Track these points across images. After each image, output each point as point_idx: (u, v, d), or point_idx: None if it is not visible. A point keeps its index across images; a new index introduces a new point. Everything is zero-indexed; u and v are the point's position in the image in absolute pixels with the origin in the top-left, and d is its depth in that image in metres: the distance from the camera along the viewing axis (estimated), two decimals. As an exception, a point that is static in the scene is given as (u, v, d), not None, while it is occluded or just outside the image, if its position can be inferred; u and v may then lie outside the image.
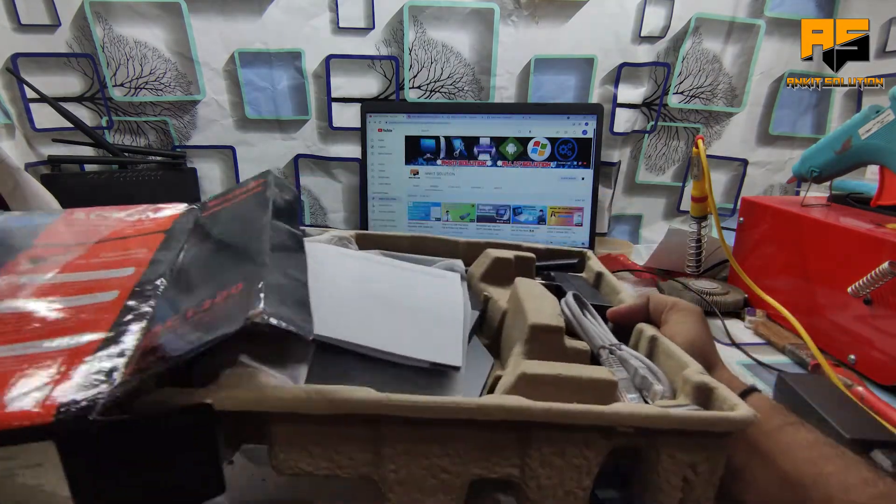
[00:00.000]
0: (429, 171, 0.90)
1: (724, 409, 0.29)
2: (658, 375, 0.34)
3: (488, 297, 0.47)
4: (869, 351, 0.54)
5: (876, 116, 0.60)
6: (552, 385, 0.30)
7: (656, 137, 0.99)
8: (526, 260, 0.51)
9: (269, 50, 0.91)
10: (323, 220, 1.01)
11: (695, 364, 0.33)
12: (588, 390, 0.30)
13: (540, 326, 0.35)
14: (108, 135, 0.93)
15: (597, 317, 0.42)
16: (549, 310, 0.37)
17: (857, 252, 0.55)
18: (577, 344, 0.37)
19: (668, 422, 0.27)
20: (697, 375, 0.31)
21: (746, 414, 0.27)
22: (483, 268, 0.50)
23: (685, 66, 0.93)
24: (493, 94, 0.94)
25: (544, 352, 0.35)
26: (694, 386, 0.31)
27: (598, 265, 0.55)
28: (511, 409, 0.27)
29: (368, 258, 0.49)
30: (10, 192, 0.77)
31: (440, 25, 0.91)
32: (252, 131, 0.96)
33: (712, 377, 0.34)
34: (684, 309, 0.40)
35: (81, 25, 0.86)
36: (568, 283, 0.50)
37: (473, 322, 0.42)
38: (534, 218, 0.89)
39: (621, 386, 0.33)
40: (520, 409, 0.27)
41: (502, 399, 0.28)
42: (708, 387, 0.30)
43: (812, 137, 0.97)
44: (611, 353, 0.37)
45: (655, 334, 0.38)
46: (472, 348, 0.40)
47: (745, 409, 0.27)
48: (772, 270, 0.69)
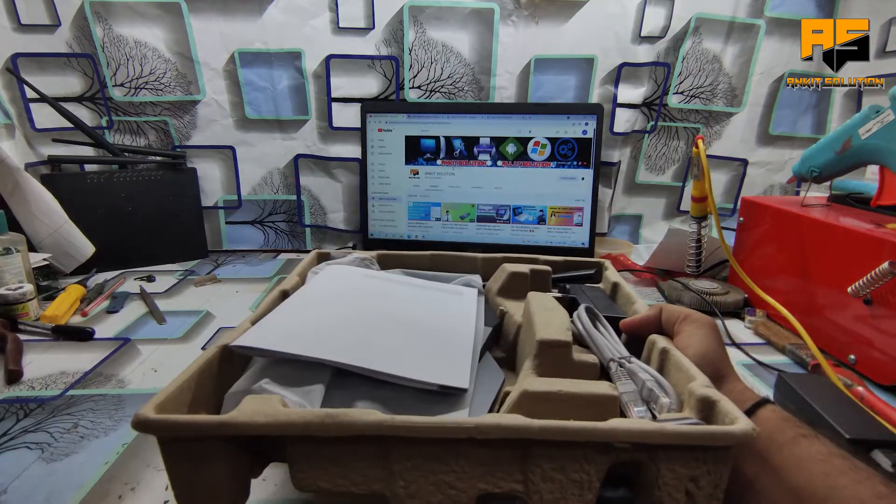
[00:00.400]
0: (429, 171, 0.90)
1: (725, 422, 0.29)
2: (665, 388, 0.34)
3: (504, 311, 0.48)
4: (869, 351, 0.54)
5: (876, 116, 0.60)
6: (554, 401, 0.31)
7: (656, 137, 0.99)
8: (542, 273, 0.53)
9: (269, 50, 0.91)
10: (323, 220, 1.01)
11: (701, 377, 0.33)
12: (589, 405, 0.31)
13: (548, 342, 0.36)
14: (108, 135, 0.93)
15: (609, 329, 0.43)
16: (558, 324, 0.37)
17: (857, 252, 0.55)
18: (585, 357, 0.37)
19: (664, 437, 0.28)
20: (702, 388, 0.32)
21: (745, 428, 0.27)
22: (500, 282, 0.52)
23: (685, 66, 0.93)
24: (493, 94, 0.94)
25: (553, 366, 0.36)
26: (698, 399, 0.31)
27: (615, 276, 0.55)
28: (509, 427, 0.28)
29: (389, 278, 0.52)
30: (10, 192, 0.77)
31: (440, 25, 0.91)
32: (252, 131, 0.96)
33: (725, 388, 0.35)
34: (697, 320, 0.39)
35: (81, 25, 0.86)
36: (582, 296, 0.50)
37: (486, 338, 0.43)
38: (534, 218, 0.89)
39: (629, 398, 0.34)
40: (517, 427, 0.28)
41: (500, 418, 0.29)
42: (711, 400, 0.31)
43: (812, 137, 0.97)
44: (620, 365, 0.37)
45: (667, 346, 0.38)
46: (484, 364, 0.41)
47: (744, 424, 0.28)
48: (772, 270, 0.69)
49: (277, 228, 1.02)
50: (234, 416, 0.28)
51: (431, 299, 0.48)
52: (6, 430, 0.45)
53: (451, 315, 0.45)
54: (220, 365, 0.36)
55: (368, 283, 0.50)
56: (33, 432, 0.45)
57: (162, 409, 0.29)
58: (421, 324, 0.42)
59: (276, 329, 0.38)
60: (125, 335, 0.64)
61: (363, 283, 0.49)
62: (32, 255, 0.76)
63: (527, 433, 0.28)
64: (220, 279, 0.85)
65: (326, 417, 0.28)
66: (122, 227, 0.88)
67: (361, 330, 0.39)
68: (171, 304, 0.74)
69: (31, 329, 0.64)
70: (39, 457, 0.42)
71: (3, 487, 0.38)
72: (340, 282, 0.49)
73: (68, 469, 0.40)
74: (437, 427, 0.28)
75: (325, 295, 0.45)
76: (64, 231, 0.80)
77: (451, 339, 0.40)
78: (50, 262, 0.80)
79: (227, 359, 0.36)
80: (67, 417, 0.47)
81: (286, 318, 0.40)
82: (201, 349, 0.61)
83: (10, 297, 0.65)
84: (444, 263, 0.58)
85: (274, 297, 0.45)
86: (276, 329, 0.38)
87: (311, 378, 0.34)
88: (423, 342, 0.39)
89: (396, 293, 0.48)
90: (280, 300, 0.44)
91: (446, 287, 0.52)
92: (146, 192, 0.89)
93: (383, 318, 0.42)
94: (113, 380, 0.54)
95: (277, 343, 0.35)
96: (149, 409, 0.28)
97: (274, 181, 0.99)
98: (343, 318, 0.41)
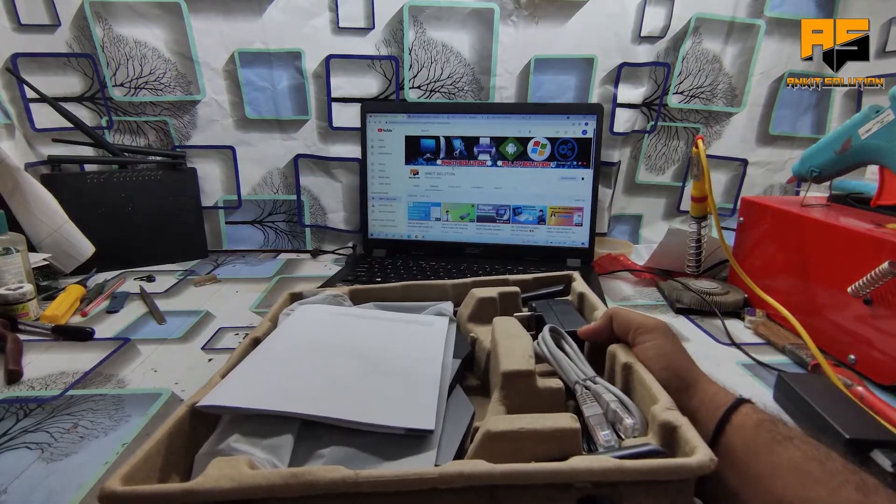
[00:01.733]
0: (429, 171, 0.90)
1: (685, 450, 0.30)
2: (630, 409, 0.35)
3: (475, 337, 0.48)
4: (869, 351, 0.54)
5: (876, 116, 0.60)
6: (517, 440, 0.32)
7: (656, 137, 0.99)
8: (510, 295, 0.53)
9: (269, 50, 0.91)
10: (323, 220, 1.01)
11: (664, 397, 0.34)
12: (552, 440, 0.32)
13: (511, 373, 0.36)
14: (108, 135, 0.93)
15: (574, 346, 0.43)
16: (521, 353, 0.38)
17: (857, 252, 0.55)
18: (550, 383, 0.38)
19: (622, 475, 0.28)
20: (663, 413, 0.32)
21: (702, 460, 0.28)
22: (469, 309, 0.52)
23: (685, 66, 0.93)
24: (493, 94, 0.94)
25: (518, 396, 0.36)
26: (660, 424, 0.32)
27: (581, 286, 0.55)
28: (471, 475, 0.28)
29: (360, 314, 0.52)
30: (10, 192, 0.77)
31: (440, 25, 0.91)
32: (252, 131, 0.96)
33: (697, 395, 0.35)
34: (652, 329, 0.39)
35: (81, 25, 0.86)
36: (549, 311, 0.50)
37: (455, 371, 0.44)
38: (534, 218, 0.89)
39: (595, 422, 0.35)
40: (479, 474, 0.28)
41: (463, 465, 0.29)
42: (672, 426, 0.31)
43: (812, 137, 0.97)
44: (585, 387, 0.38)
45: (629, 361, 0.39)
46: (454, 398, 0.41)
47: (701, 455, 0.28)
48: (772, 270, 0.69)
49: (277, 228, 1.02)
50: (199, 482, 0.29)
51: (400, 335, 0.48)
52: (6, 430, 0.45)
53: (419, 350, 0.45)
54: (190, 424, 0.35)
55: (338, 323, 0.50)
56: (33, 432, 0.45)
57: (129, 480, 0.29)
58: (388, 364, 0.43)
59: (241, 384, 0.38)
60: (125, 335, 0.64)
61: (333, 323, 0.50)
62: (32, 255, 0.76)
63: (489, 479, 0.28)
64: (220, 279, 0.85)
65: (291, 478, 0.28)
66: (122, 227, 0.88)
67: (327, 377, 0.40)
68: (171, 304, 0.74)
69: (30, 329, 0.64)
70: (39, 457, 0.42)
71: (3, 487, 0.38)
72: (309, 325, 0.49)
73: (68, 469, 0.40)
74: (400, 480, 0.28)
75: (293, 342, 0.46)
76: (64, 231, 0.80)
77: (418, 378, 0.40)
78: (50, 262, 0.80)
79: (198, 416, 0.36)
80: (67, 417, 0.47)
81: (252, 372, 0.40)
82: (201, 349, 0.61)
83: (10, 297, 0.65)
84: (415, 293, 0.58)
85: (245, 345, 0.45)
86: (241, 384, 0.38)
87: (280, 430, 0.34)
88: (390, 384, 0.40)
89: (366, 331, 0.49)
90: (251, 348, 0.44)
91: (418, 318, 0.52)
92: (146, 192, 0.89)
93: (350, 361, 0.42)
94: (113, 380, 0.54)
95: (243, 399, 0.36)
96: (115, 481, 0.28)
97: (274, 181, 0.99)
98: (309, 366, 0.41)
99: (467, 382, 0.46)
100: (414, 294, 0.58)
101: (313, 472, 0.29)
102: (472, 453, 0.32)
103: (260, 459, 0.32)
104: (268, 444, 0.33)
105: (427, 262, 0.86)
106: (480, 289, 0.53)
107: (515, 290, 0.53)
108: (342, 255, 1.00)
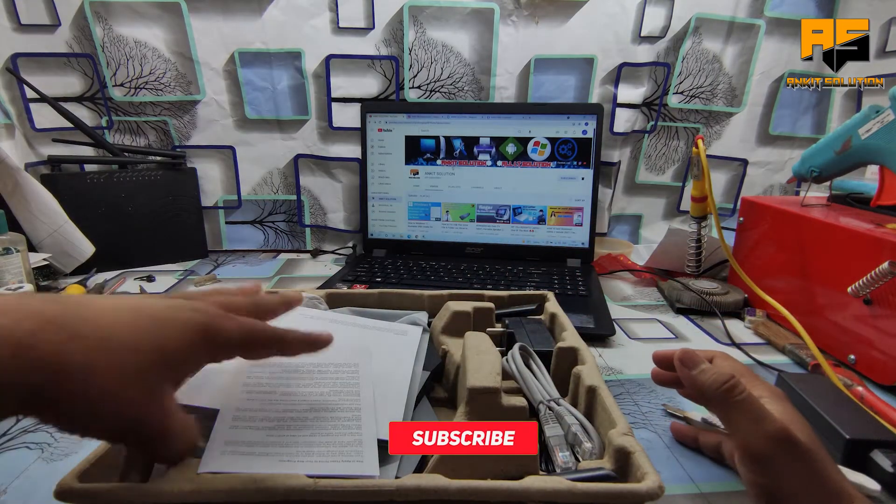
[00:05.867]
0: (429, 170, 0.90)
1: (637, 476, 0.30)
2: (590, 432, 0.36)
3: (446, 350, 0.49)
4: (869, 351, 0.54)
5: (876, 116, 0.60)
6: (474, 458, 0.33)
7: (656, 137, 0.99)
8: (484, 311, 0.53)
9: (269, 50, 0.91)
10: (323, 220, 1.01)
11: (622, 422, 0.34)
12: (509, 459, 0.33)
13: (477, 389, 0.37)
14: (108, 135, 0.93)
15: (541, 366, 0.44)
16: (489, 369, 0.38)
17: (857, 252, 0.55)
18: (514, 401, 0.38)
19: (573, 497, 0.29)
20: (619, 438, 0.33)
21: (651, 486, 0.28)
22: (443, 321, 0.52)
23: (685, 66, 0.93)
24: (493, 94, 0.94)
25: (483, 412, 0.37)
26: (615, 448, 0.33)
27: (554, 307, 0.55)
28: (427, 489, 0.29)
29: (334, 319, 0.52)
30: (10, 192, 0.77)
31: (440, 25, 0.91)
32: (252, 131, 0.96)
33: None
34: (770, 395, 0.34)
35: (81, 25, 0.86)
36: (520, 329, 0.51)
37: (423, 382, 0.44)
38: (534, 218, 0.89)
39: (555, 442, 0.36)
40: (435, 488, 0.29)
41: (420, 479, 0.30)
42: (627, 451, 0.32)
43: (812, 137, 0.97)
44: (549, 408, 0.39)
45: (594, 385, 0.39)
46: (420, 410, 0.41)
47: (650, 481, 0.29)
48: (772, 270, 0.69)
49: (277, 228, 1.02)
50: (158, 483, 0.29)
51: (373, 342, 0.48)
52: (6, 430, 0.45)
53: (390, 358, 0.45)
54: None
55: (312, 327, 0.49)
56: (33, 432, 0.45)
57: (86, 477, 0.29)
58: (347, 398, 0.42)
59: (201, 382, 0.36)
60: (125, 335, 0.64)
61: (307, 326, 0.48)
62: (32, 255, 0.76)
63: (445, 494, 0.29)
64: (220, 279, 0.85)
65: (250, 483, 0.28)
66: (122, 227, 0.88)
67: (284, 394, 0.39)
68: (171, 304, 0.74)
69: (30, 329, 0.64)
70: (39, 457, 0.42)
71: (3, 487, 0.38)
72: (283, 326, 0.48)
73: (68, 469, 0.40)
74: (358, 491, 0.29)
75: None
76: (64, 231, 0.80)
77: (386, 389, 0.41)
78: (50, 262, 0.80)
79: None
80: (67, 417, 0.47)
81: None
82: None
83: (9, 297, 0.65)
84: (391, 301, 0.58)
85: None
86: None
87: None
88: (344, 416, 0.39)
89: (338, 336, 0.48)
90: None
91: (392, 326, 0.51)
92: (146, 192, 0.89)
93: (314, 378, 0.42)
94: (113, 380, 0.54)
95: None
96: (71, 478, 0.28)
97: (274, 181, 0.99)
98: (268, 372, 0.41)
99: (435, 394, 0.47)
100: (390, 302, 0.58)
101: (273, 478, 0.29)
102: (431, 467, 0.33)
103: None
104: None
105: (427, 262, 0.86)
106: (456, 302, 0.54)
107: (490, 305, 0.54)
108: (342, 255, 1.00)
